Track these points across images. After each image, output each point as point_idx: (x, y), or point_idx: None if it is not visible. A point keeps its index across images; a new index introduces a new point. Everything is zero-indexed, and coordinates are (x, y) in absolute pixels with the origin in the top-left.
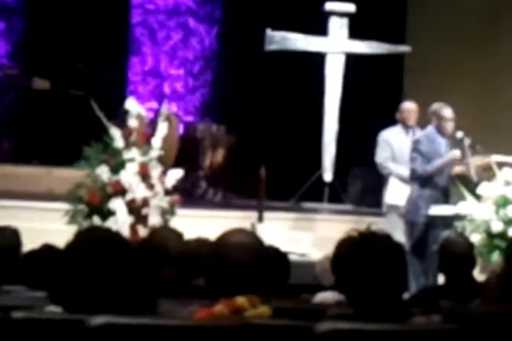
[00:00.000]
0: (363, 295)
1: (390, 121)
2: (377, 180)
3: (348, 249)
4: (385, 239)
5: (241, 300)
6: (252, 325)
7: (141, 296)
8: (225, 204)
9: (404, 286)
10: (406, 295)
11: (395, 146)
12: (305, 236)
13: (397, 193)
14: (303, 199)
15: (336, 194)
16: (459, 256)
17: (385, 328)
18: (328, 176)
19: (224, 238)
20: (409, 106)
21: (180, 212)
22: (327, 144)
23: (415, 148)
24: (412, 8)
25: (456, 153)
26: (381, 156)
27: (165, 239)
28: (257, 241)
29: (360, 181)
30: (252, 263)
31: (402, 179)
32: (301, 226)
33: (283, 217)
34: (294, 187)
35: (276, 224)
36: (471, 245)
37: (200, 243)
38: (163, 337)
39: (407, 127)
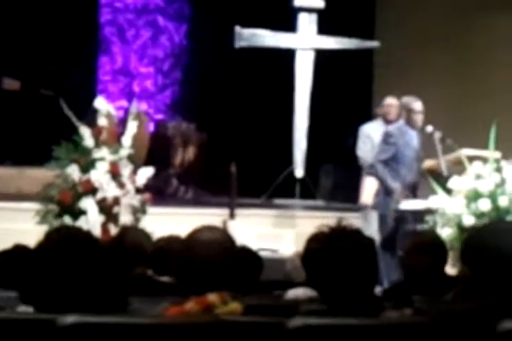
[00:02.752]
0: (334, 291)
1: (361, 115)
2: (349, 176)
3: (318, 245)
4: (355, 233)
5: (212, 297)
6: (223, 321)
7: (112, 295)
8: (196, 202)
9: (375, 280)
10: (379, 290)
11: (375, 140)
12: (277, 232)
13: (372, 191)
14: (275, 195)
15: (308, 190)
16: (430, 250)
17: (356, 323)
18: (299, 172)
19: (193, 235)
20: (389, 101)
21: (152, 210)
22: (298, 140)
23: (386, 140)
24: (381, 3)
25: (397, 194)
26: (362, 150)
27: (135, 237)
28: (227, 238)
29: (331, 177)
30: (221, 259)
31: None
32: (273, 222)
33: (255, 213)
34: (266, 183)
35: (248, 221)
36: (441, 239)
37: (172, 241)
38: (135, 335)
39: (387, 121)
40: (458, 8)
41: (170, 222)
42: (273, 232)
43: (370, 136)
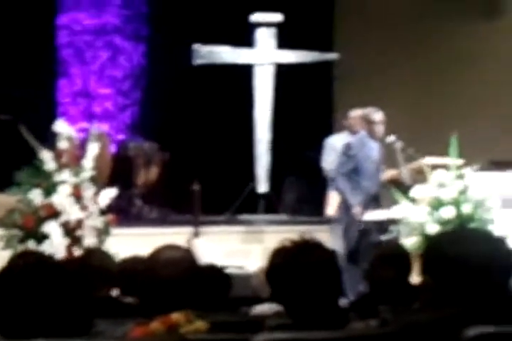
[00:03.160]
0: (298, 305)
1: (322, 128)
2: (312, 189)
3: (281, 260)
4: (318, 247)
5: (176, 316)
6: (187, 340)
7: (77, 318)
8: (161, 221)
9: (339, 293)
10: (345, 302)
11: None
12: (243, 248)
13: (338, 203)
14: (239, 211)
15: (271, 204)
16: (393, 260)
17: (322, 336)
18: (262, 187)
19: (155, 255)
20: (355, 114)
21: (117, 231)
22: (260, 155)
23: (346, 152)
24: (339, 15)
25: (356, 211)
26: (326, 161)
27: (98, 259)
28: (189, 256)
29: (294, 191)
30: (184, 278)
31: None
32: (238, 238)
33: (220, 230)
34: (230, 200)
35: (213, 238)
36: (404, 249)
37: (136, 261)
38: None
39: (353, 133)
40: (416, 18)
41: (135, 243)
42: (239, 248)
43: (335, 148)
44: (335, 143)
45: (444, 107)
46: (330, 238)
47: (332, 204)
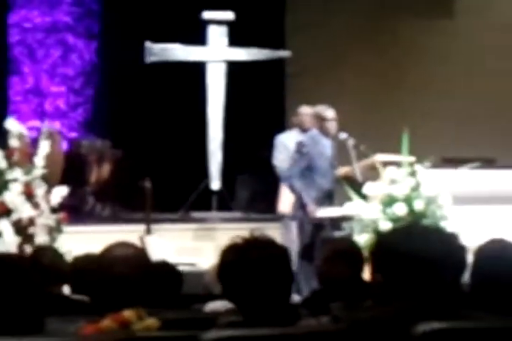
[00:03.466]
0: (249, 302)
1: (275, 126)
2: (264, 187)
3: (232, 257)
4: (268, 243)
5: (128, 314)
6: (138, 338)
7: (28, 316)
8: (113, 219)
9: (290, 290)
10: (298, 299)
11: (291, 149)
12: (196, 245)
13: (289, 201)
14: (192, 209)
15: (225, 202)
16: (345, 257)
17: (272, 333)
18: (215, 184)
19: (105, 252)
20: (305, 111)
21: (69, 228)
22: (213, 153)
23: (299, 150)
24: (290, 12)
25: (311, 210)
26: (278, 159)
27: (49, 257)
28: (140, 254)
29: (247, 188)
30: (135, 275)
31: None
32: (191, 236)
33: (172, 228)
34: (183, 197)
35: (166, 236)
36: (357, 245)
37: (88, 259)
38: None
39: (303, 131)
40: (369, 14)
41: (87, 240)
42: (192, 246)
43: (286, 145)
44: (285, 141)
45: (396, 104)
46: (281, 235)
47: (284, 201)
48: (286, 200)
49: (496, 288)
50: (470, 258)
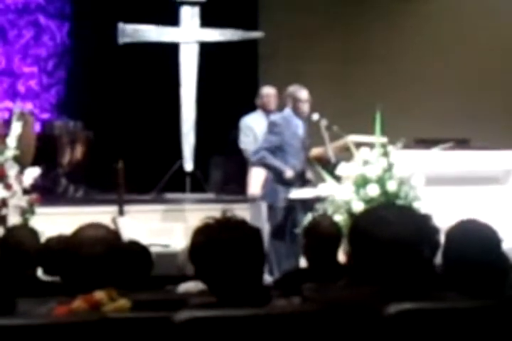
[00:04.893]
0: (221, 283)
1: (248, 107)
2: (238, 168)
3: (204, 237)
4: (241, 224)
5: (99, 295)
6: (109, 318)
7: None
8: (86, 200)
9: (262, 270)
10: (270, 280)
11: (257, 131)
12: (168, 227)
13: (260, 182)
14: (165, 190)
15: (198, 183)
16: (325, 237)
17: (243, 313)
18: (188, 166)
19: (77, 233)
20: (268, 91)
21: (42, 210)
22: (186, 134)
23: (271, 130)
24: None
25: (289, 174)
26: (245, 142)
27: (21, 237)
28: (111, 235)
29: (221, 169)
30: (106, 256)
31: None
32: (163, 217)
33: (145, 209)
34: (156, 178)
35: (138, 217)
36: (337, 226)
37: (60, 240)
38: (22, 336)
39: (267, 112)
40: None
41: (60, 222)
42: (164, 227)
43: (252, 127)
44: (251, 123)
45: (369, 85)
46: (251, 216)
47: (254, 183)
48: (256, 182)
49: (466, 268)
50: (443, 239)
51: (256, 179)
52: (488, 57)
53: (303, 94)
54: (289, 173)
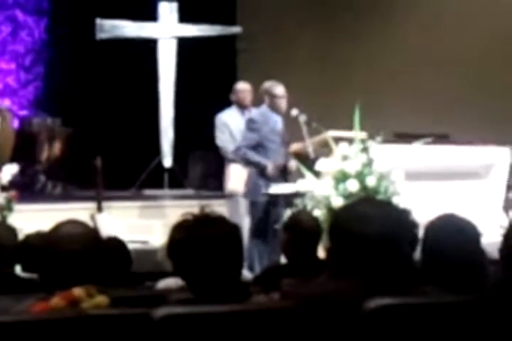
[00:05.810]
0: (200, 279)
1: (226, 103)
2: (217, 164)
3: (182, 234)
4: (219, 220)
5: (77, 291)
6: (88, 315)
7: None
8: (65, 197)
9: (240, 266)
10: (250, 276)
11: (233, 128)
12: (146, 223)
13: (238, 178)
14: (144, 186)
15: (177, 179)
16: (305, 232)
17: (221, 310)
18: (167, 162)
19: (55, 230)
20: (243, 87)
21: (20, 207)
22: (164, 130)
23: (250, 127)
24: None
25: (271, 168)
26: (221, 139)
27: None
28: (89, 231)
29: (199, 165)
30: (84, 252)
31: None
32: (142, 213)
33: (123, 205)
34: (135, 175)
35: (117, 213)
36: (317, 221)
37: (39, 237)
38: (0, 334)
39: (242, 108)
40: None
41: (39, 218)
42: (142, 223)
43: (227, 124)
44: (226, 120)
45: (349, 80)
46: (229, 212)
47: (233, 179)
48: (235, 178)
49: (445, 263)
50: (422, 233)
51: (235, 175)
52: (467, 53)
53: (278, 89)
54: (270, 167)
